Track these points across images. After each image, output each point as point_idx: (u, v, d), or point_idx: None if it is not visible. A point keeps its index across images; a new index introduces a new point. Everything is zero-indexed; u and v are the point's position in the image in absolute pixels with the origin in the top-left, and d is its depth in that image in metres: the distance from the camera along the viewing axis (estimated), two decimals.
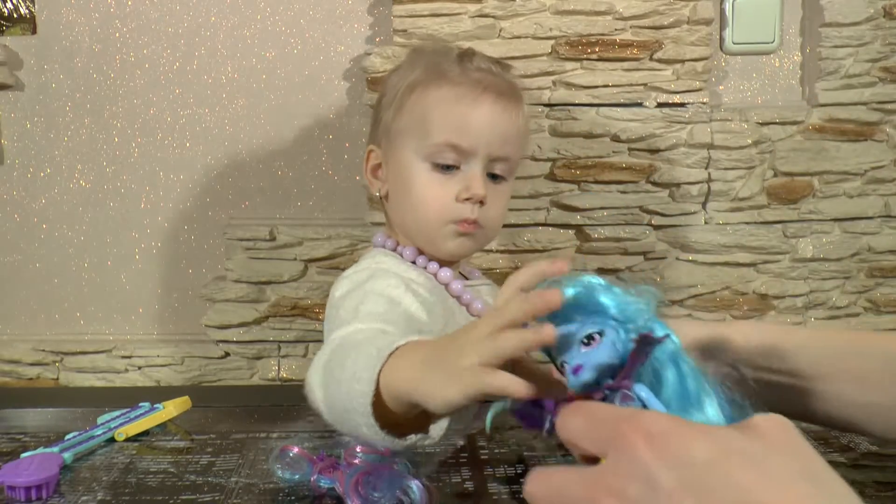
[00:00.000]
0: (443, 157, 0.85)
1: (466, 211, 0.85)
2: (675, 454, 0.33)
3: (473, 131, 0.85)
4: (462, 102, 0.85)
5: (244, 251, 1.25)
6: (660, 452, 0.33)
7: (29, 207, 1.26)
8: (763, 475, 0.32)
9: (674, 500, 0.32)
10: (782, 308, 1.27)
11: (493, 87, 0.87)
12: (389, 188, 0.91)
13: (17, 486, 0.62)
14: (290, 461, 0.65)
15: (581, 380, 0.46)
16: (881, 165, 1.25)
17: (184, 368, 1.27)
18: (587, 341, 0.46)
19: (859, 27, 1.21)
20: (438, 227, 0.86)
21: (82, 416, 0.82)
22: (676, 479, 0.32)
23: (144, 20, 1.22)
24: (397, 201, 0.90)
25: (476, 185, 0.85)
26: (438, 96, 0.86)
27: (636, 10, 1.19)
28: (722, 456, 0.32)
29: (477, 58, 0.90)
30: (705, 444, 0.33)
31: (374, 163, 0.93)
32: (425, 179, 0.86)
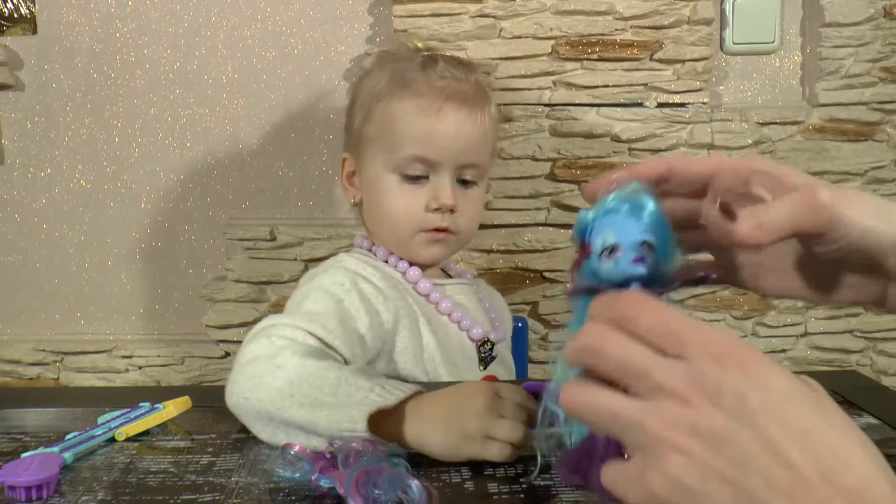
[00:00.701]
0: (411, 169, 0.88)
1: (437, 220, 0.88)
2: (763, 379, 0.36)
3: (439, 142, 0.87)
4: (426, 114, 0.87)
5: (244, 251, 1.25)
6: (751, 375, 0.36)
7: (29, 207, 1.26)
8: (827, 419, 0.36)
9: (758, 417, 0.35)
10: (782, 308, 1.27)
11: (457, 95, 0.88)
12: (363, 196, 0.94)
13: (17, 486, 0.62)
14: (291, 459, 0.65)
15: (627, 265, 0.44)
16: (881, 165, 1.25)
17: (184, 368, 1.27)
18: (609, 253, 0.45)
19: (859, 27, 1.21)
20: (409, 237, 0.89)
21: (82, 416, 0.82)
22: (762, 399, 0.36)
23: (145, 20, 1.23)
24: (370, 210, 0.93)
25: (444, 195, 0.88)
26: (402, 108, 0.88)
27: (636, 10, 1.19)
28: (798, 392, 0.36)
29: (441, 63, 0.90)
30: (786, 379, 0.37)
31: (349, 170, 0.95)
32: (395, 191, 0.89)
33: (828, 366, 1.28)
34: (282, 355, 0.72)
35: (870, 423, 0.78)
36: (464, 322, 0.91)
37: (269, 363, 0.72)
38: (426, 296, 0.91)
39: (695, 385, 0.37)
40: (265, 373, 0.71)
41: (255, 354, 0.74)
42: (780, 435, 0.35)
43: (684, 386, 0.37)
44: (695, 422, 0.36)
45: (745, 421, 0.35)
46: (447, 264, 0.99)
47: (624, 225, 0.44)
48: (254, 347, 0.74)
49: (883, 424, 0.78)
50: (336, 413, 0.66)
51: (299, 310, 0.81)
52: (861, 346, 1.29)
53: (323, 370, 0.70)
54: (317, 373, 0.70)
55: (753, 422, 0.35)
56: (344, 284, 0.83)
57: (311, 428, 0.68)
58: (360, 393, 0.67)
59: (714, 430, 0.36)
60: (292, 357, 0.72)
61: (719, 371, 0.36)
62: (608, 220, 0.45)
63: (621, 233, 0.44)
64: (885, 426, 0.77)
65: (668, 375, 0.38)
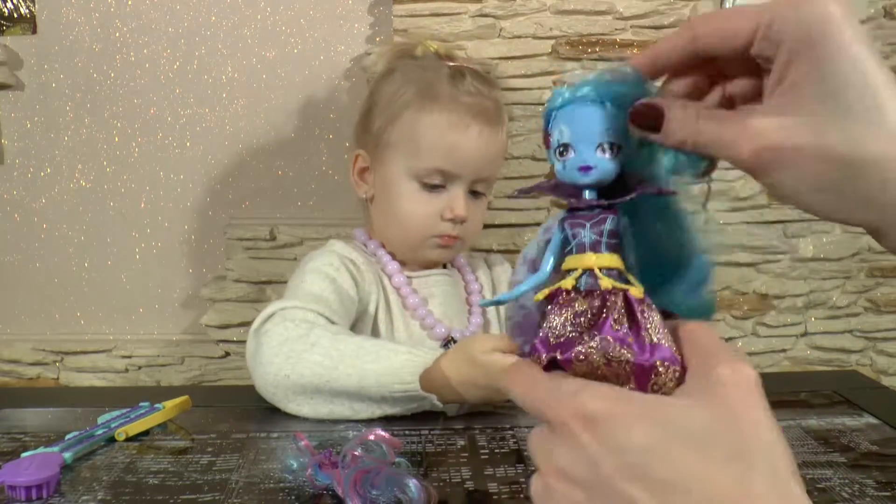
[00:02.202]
0: (430, 179, 0.93)
1: (448, 228, 0.94)
2: (616, 439, 0.33)
3: (462, 158, 0.92)
4: (454, 130, 0.92)
5: (244, 251, 1.25)
6: (601, 438, 0.33)
7: (29, 207, 1.26)
8: (704, 456, 0.32)
9: (615, 482, 0.33)
10: (783, 308, 1.27)
11: (483, 114, 0.93)
12: (376, 194, 0.98)
13: (17, 486, 0.62)
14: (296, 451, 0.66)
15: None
16: None
17: (184, 368, 1.27)
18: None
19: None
20: (421, 241, 0.95)
21: (82, 416, 0.82)
22: (617, 462, 0.33)
23: (145, 20, 1.22)
24: (383, 209, 0.98)
25: (459, 207, 0.93)
26: (431, 121, 0.92)
27: (636, 9, 1.19)
28: (662, 439, 0.33)
29: (468, 78, 0.94)
30: (646, 428, 0.33)
31: (362, 166, 0.99)
32: (413, 197, 0.94)
33: (828, 366, 1.28)
34: (313, 333, 0.80)
35: (870, 423, 0.78)
36: (427, 321, 0.95)
37: (304, 342, 0.80)
38: (397, 289, 0.97)
39: (553, 465, 0.35)
40: (302, 350, 0.79)
41: (285, 337, 0.81)
42: (642, 497, 0.32)
43: (546, 467, 0.36)
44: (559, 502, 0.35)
45: (602, 489, 0.33)
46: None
47: (583, 121, 0.38)
48: (280, 331, 0.81)
49: (883, 424, 0.78)
50: (385, 377, 0.76)
51: (299, 293, 0.89)
52: (861, 346, 1.29)
53: (357, 341, 0.79)
54: (353, 344, 0.79)
55: (611, 487, 0.33)
56: (333, 264, 0.92)
57: (364, 394, 0.77)
58: (398, 357, 0.77)
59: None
60: (324, 333, 0.80)
61: (570, 441, 0.34)
62: (569, 112, 0.39)
63: (577, 130, 0.38)
64: (885, 426, 0.78)
65: (538, 454, 0.36)
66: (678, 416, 0.33)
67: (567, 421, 0.34)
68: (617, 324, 0.36)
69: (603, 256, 0.38)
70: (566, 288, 0.38)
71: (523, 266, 0.41)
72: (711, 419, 0.33)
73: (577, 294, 0.38)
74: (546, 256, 0.39)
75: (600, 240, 0.38)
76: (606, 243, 0.38)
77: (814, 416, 0.81)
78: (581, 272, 0.38)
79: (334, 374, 0.77)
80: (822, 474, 0.67)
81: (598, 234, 0.38)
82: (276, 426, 0.79)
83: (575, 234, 0.39)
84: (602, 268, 0.38)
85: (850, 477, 0.66)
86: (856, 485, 0.65)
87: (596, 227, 0.38)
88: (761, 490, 0.32)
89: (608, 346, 0.36)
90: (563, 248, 0.39)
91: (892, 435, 0.75)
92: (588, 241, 0.38)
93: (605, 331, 0.36)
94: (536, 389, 0.37)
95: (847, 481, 0.65)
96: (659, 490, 0.32)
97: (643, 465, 0.32)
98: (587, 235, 0.39)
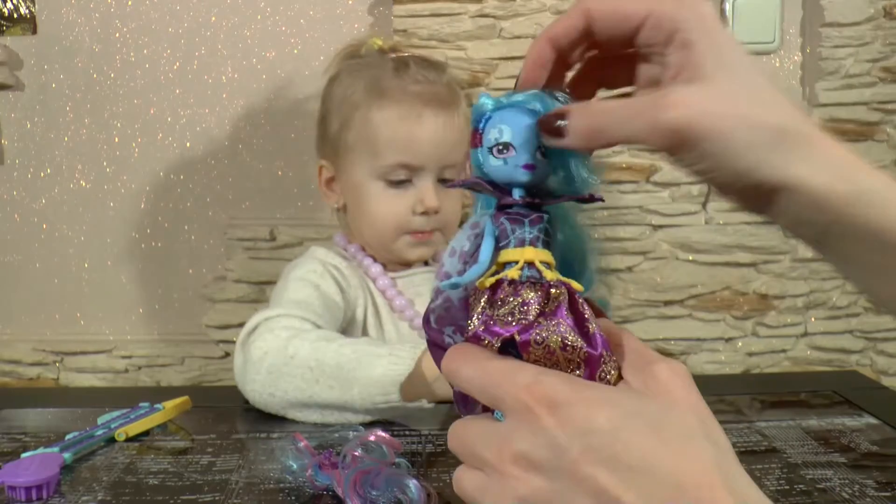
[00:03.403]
0: (395, 175, 0.92)
1: (422, 223, 0.93)
2: (580, 423, 0.34)
3: (421, 148, 0.91)
4: (407, 121, 0.91)
5: (244, 251, 1.25)
6: (565, 422, 0.34)
7: (29, 207, 1.26)
8: (662, 438, 0.34)
9: (580, 466, 0.33)
10: (783, 308, 1.27)
11: (434, 100, 0.92)
12: (346, 201, 0.98)
13: (17, 486, 0.62)
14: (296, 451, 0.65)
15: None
16: (882, 165, 1.24)
17: (184, 368, 1.27)
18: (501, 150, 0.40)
19: (860, 27, 1.21)
20: (395, 240, 0.94)
21: (82, 417, 0.82)
22: (582, 446, 0.33)
23: (145, 20, 1.22)
24: (355, 215, 0.97)
25: (429, 198, 0.91)
26: (382, 118, 0.91)
27: None
28: (623, 422, 0.34)
29: (413, 67, 0.93)
30: (607, 412, 0.34)
31: (327, 176, 0.99)
32: (380, 197, 0.93)
33: (828, 366, 1.28)
34: (292, 345, 0.78)
35: (870, 423, 0.78)
36: (416, 321, 0.95)
37: (282, 354, 0.78)
38: (383, 292, 0.96)
39: (510, 450, 0.35)
40: (282, 365, 0.78)
41: (265, 350, 0.79)
42: (609, 481, 0.33)
43: (498, 456, 0.35)
44: (521, 495, 0.34)
45: (568, 475, 0.34)
46: None
47: (523, 124, 0.40)
48: (261, 344, 0.80)
49: (883, 424, 0.78)
50: (367, 389, 0.74)
51: (282, 301, 0.89)
52: (861, 346, 1.29)
53: (337, 349, 0.77)
54: (332, 353, 0.77)
55: (577, 473, 0.33)
56: (316, 271, 0.91)
57: (348, 406, 0.76)
58: (379, 364, 0.75)
59: (538, 497, 0.34)
60: (302, 343, 0.78)
61: (533, 425, 0.34)
62: (508, 115, 0.41)
63: (518, 131, 0.40)
64: (885, 426, 0.77)
65: (486, 447, 0.36)
66: (633, 404, 0.35)
67: (531, 405, 0.34)
68: (569, 313, 0.38)
69: (541, 251, 0.40)
70: (512, 277, 0.39)
71: (453, 258, 0.42)
72: (660, 406, 0.35)
73: (520, 285, 0.39)
74: (484, 248, 0.41)
75: (538, 236, 0.40)
76: (542, 240, 0.41)
77: (814, 416, 0.81)
78: (523, 264, 0.40)
79: (316, 388, 0.76)
80: (823, 475, 0.67)
81: (536, 232, 0.40)
82: (276, 427, 0.79)
83: (514, 230, 0.40)
84: (542, 261, 0.40)
85: (850, 477, 0.66)
86: (856, 485, 0.65)
87: (533, 224, 0.41)
88: (714, 465, 0.33)
89: (566, 331, 0.38)
90: (499, 243, 0.41)
91: (893, 435, 0.75)
92: (528, 237, 0.40)
93: (560, 317, 0.38)
94: (491, 373, 0.37)
95: (847, 482, 0.65)
96: (625, 472, 0.33)
97: (608, 447, 0.33)
98: (528, 231, 0.40)
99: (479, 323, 0.39)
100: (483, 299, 0.39)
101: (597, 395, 0.35)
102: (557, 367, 0.37)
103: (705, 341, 1.27)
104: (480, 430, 0.37)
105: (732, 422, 0.80)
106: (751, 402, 0.88)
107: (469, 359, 0.38)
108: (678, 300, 1.25)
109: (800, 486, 0.65)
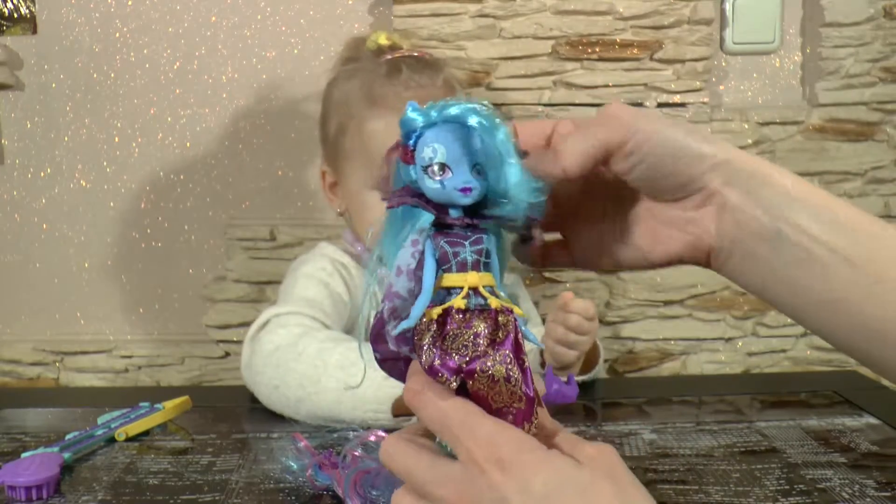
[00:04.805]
0: None
1: None
2: (523, 483, 0.37)
3: None
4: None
5: (244, 251, 1.25)
6: (510, 479, 0.37)
7: (29, 207, 1.26)
8: (589, 502, 0.37)
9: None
10: None
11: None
12: (348, 206, 0.98)
13: (17, 486, 0.62)
14: (296, 450, 0.66)
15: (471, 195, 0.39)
16: (881, 166, 1.24)
17: (184, 368, 1.27)
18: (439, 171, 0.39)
19: (860, 27, 1.21)
20: None
21: (82, 416, 0.82)
22: (520, 502, 0.36)
23: (145, 20, 1.22)
24: (356, 221, 0.97)
25: None
26: (375, 127, 0.90)
27: (636, 10, 1.19)
28: (560, 486, 0.37)
29: (405, 71, 0.92)
30: (547, 474, 0.37)
31: (330, 181, 0.99)
32: (377, 206, 0.90)
33: (828, 366, 1.28)
34: (302, 342, 0.79)
35: (870, 423, 0.78)
36: None
37: (293, 350, 0.79)
38: None
39: (460, 496, 0.38)
40: (290, 360, 0.78)
41: (276, 344, 0.80)
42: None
43: (453, 497, 0.38)
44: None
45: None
46: None
47: (458, 142, 0.39)
48: (272, 337, 0.81)
49: (883, 424, 0.78)
50: (360, 403, 0.75)
51: (292, 297, 0.89)
52: None
53: (342, 351, 0.77)
54: (338, 354, 0.77)
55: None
56: (326, 269, 0.92)
57: (338, 418, 0.76)
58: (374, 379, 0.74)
59: None
60: (311, 342, 0.79)
61: (482, 477, 0.37)
62: (442, 133, 0.39)
63: (453, 151, 0.38)
64: (885, 426, 0.78)
65: (441, 485, 0.38)
66: (569, 471, 0.38)
67: (482, 463, 0.37)
68: (516, 344, 0.38)
69: (484, 275, 0.39)
70: (459, 307, 0.38)
71: (401, 277, 0.40)
72: (592, 478, 0.38)
73: (470, 314, 0.38)
74: (426, 275, 0.39)
75: (479, 259, 0.39)
76: (483, 262, 0.39)
77: (814, 416, 0.81)
78: (468, 291, 0.39)
79: (318, 386, 0.77)
80: (823, 474, 0.67)
81: (477, 254, 0.39)
82: (276, 427, 0.79)
83: (456, 253, 0.39)
84: (485, 286, 0.39)
85: (850, 477, 0.66)
86: (856, 485, 0.65)
87: (474, 245, 0.39)
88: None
89: (510, 364, 0.38)
90: (440, 265, 0.40)
91: (893, 435, 0.75)
92: (470, 260, 0.39)
93: (507, 347, 0.38)
94: (451, 420, 0.39)
95: (847, 481, 0.65)
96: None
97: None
98: (469, 254, 0.39)
99: (432, 356, 0.38)
100: (433, 329, 0.38)
101: (539, 459, 0.38)
102: (500, 398, 0.38)
103: (705, 341, 1.27)
104: (429, 464, 0.39)
105: (732, 422, 0.80)
106: (751, 402, 0.88)
107: (428, 401, 0.40)
108: (678, 300, 1.25)
109: (800, 485, 0.65)
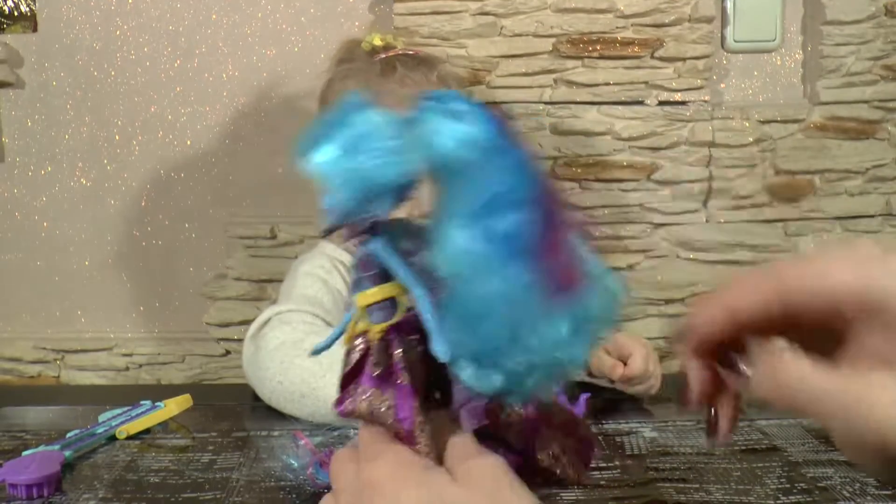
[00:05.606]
0: None
1: None
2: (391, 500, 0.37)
3: None
4: None
5: (245, 249, 1.25)
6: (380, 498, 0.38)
7: (30, 205, 1.26)
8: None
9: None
10: None
11: None
12: None
13: (18, 484, 0.62)
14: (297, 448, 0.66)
15: None
16: (883, 164, 1.24)
17: (185, 366, 1.27)
18: None
19: (861, 25, 1.21)
20: None
21: (83, 415, 0.82)
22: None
23: (145, 18, 1.22)
24: None
25: (426, 203, 0.90)
26: None
27: (637, 7, 1.18)
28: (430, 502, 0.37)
29: (399, 70, 0.92)
30: (417, 493, 0.37)
31: None
32: None
33: None
34: (309, 340, 0.79)
35: None
36: None
37: (298, 347, 0.79)
38: None
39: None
40: (295, 356, 0.78)
41: (281, 341, 0.80)
42: None
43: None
44: None
45: None
46: None
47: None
48: (277, 334, 0.81)
49: None
50: None
51: (292, 295, 0.90)
52: None
53: None
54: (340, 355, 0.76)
55: None
56: (325, 266, 0.93)
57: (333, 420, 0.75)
58: None
59: None
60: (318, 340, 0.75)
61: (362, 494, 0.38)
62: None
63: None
64: None
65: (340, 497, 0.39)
66: (445, 485, 0.38)
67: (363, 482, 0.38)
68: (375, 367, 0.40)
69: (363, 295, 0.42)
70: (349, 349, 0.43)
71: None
72: (468, 497, 0.37)
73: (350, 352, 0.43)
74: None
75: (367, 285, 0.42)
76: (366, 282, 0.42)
77: None
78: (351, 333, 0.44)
79: (322, 381, 0.77)
80: (823, 473, 0.67)
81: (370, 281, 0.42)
82: (277, 425, 0.79)
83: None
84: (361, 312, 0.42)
85: (850, 475, 0.66)
86: (857, 483, 0.65)
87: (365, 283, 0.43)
88: None
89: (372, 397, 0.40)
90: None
91: None
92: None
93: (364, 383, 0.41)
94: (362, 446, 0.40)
95: (848, 480, 0.66)
96: None
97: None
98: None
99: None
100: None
101: (412, 479, 0.38)
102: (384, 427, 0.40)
103: None
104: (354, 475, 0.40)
105: None
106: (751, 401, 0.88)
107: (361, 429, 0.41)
108: (679, 298, 1.25)
109: (801, 484, 0.65)
